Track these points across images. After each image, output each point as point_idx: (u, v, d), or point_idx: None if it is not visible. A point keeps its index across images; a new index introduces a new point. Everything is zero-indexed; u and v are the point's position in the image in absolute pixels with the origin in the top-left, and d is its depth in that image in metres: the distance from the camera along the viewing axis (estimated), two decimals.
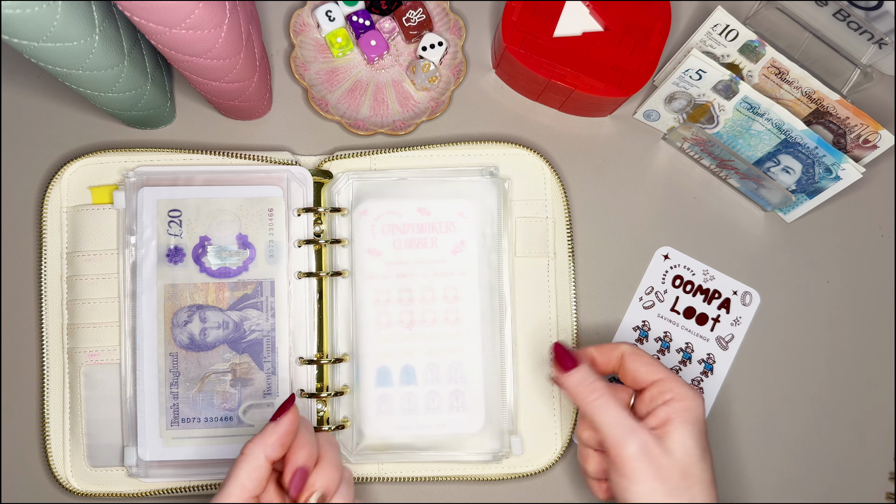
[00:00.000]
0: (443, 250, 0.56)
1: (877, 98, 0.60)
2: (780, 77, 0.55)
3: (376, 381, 0.55)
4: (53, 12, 0.39)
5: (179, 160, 0.56)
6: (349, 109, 0.58)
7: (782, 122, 0.53)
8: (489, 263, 0.56)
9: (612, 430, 0.46)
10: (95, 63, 0.45)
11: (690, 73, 0.53)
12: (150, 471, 0.53)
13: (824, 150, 0.53)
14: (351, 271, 0.55)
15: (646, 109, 0.58)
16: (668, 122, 0.58)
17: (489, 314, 0.55)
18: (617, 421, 0.46)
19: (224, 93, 0.52)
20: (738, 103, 0.54)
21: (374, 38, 0.58)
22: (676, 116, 0.57)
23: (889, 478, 0.58)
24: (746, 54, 0.56)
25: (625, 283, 0.58)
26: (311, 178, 0.55)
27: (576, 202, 0.59)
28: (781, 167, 0.56)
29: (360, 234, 0.56)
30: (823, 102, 0.55)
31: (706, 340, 0.58)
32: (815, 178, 0.55)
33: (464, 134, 0.59)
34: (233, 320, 0.54)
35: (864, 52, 0.57)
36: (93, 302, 0.55)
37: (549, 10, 0.55)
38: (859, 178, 0.54)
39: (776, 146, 0.55)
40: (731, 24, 0.55)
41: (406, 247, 0.56)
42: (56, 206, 0.56)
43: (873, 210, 0.60)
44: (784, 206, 0.58)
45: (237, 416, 0.54)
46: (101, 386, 0.54)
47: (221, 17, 0.43)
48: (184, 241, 0.54)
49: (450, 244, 0.56)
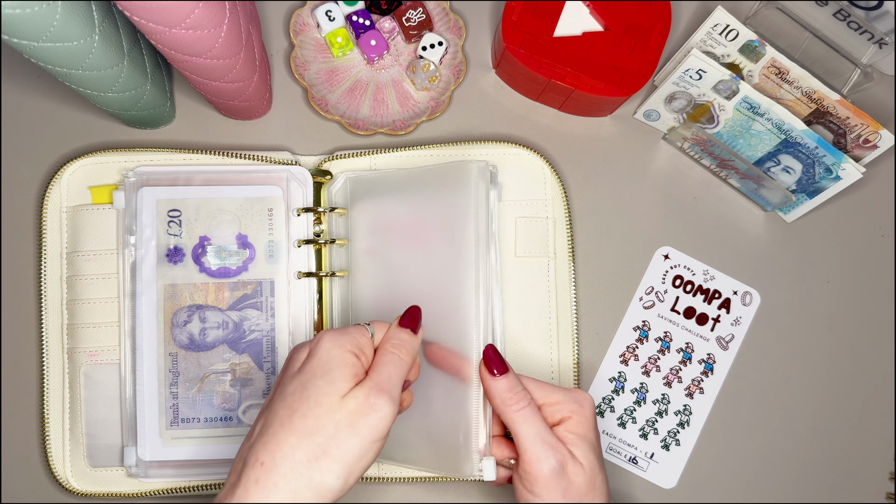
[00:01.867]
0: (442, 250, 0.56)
1: (877, 98, 0.60)
2: (781, 77, 0.55)
3: None
4: (53, 12, 0.39)
5: (179, 160, 0.56)
6: (349, 109, 0.58)
7: (782, 122, 0.53)
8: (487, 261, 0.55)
9: (532, 444, 0.45)
10: (95, 63, 0.45)
11: (690, 73, 0.53)
12: (150, 471, 0.53)
13: (824, 150, 0.53)
14: (350, 271, 0.55)
15: (646, 109, 0.58)
16: (668, 122, 0.58)
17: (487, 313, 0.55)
18: (538, 435, 0.45)
19: (224, 93, 0.52)
20: (738, 103, 0.54)
21: (374, 38, 0.58)
22: (676, 116, 0.57)
23: (889, 478, 0.58)
24: (746, 54, 0.56)
25: (625, 283, 0.58)
26: (310, 178, 0.55)
27: (576, 202, 0.59)
28: (782, 167, 0.56)
29: (358, 234, 0.55)
30: (823, 102, 0.55)
31: (706, 340, 0.58)
32: (815, 178, 0.55)
33: (464, 134, 0.59)
34: (232, 320, 0.54)
35: (864, 52, 0.57)
36: (92, 302, 0.55)
37: (549, 10, 0.55)
38: (859, 178, 0.54)
39: (776, 146, 0.55)
40: (731, 24, 0.55)
41: (405, 246, 0.56)
42: (56, 206, 0.56)
43: (873, 210, 0.60)
44: (784, 206, 0.58)
45: (237, 416, 0.54)
46: (101, 386, 0.54)
47: (221, 17, 0.43)
48: (183, 241, 0.54)
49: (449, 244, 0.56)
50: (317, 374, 0.41)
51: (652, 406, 0.57)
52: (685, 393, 0.57)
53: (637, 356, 0.58)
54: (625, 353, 0.58)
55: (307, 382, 0.41)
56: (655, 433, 0.57)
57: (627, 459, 0.57)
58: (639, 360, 0.58)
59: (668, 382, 0.57)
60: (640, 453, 0.57)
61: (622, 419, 0.57)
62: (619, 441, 0.57)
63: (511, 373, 0.47)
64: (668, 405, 0.57)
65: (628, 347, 0.58)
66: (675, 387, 0.58)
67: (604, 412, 0.57)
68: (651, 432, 0.57)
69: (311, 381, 0.41)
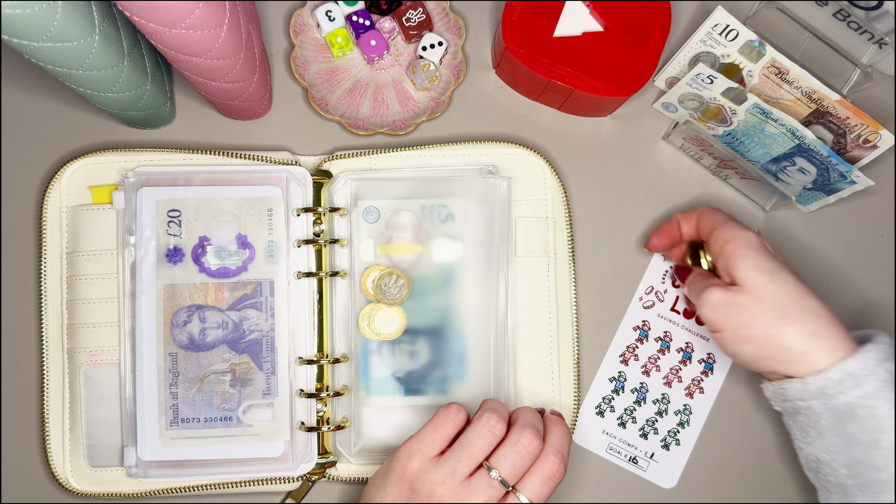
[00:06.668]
0: (442, 250, 0.56)
1: (877, 98, 0.60)
2: (780, 77, 0.55)
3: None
4: (53, 12, 0.39)
5: (179, 160, 0.56)
6: (349, 109, 0.58)
7: (795, 129, 0.53)
8: (489, 262, 0.56)
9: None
10: (95, 63, 0.45)
11: (702, 78, 0.53)
12: (150, 471, 0.53)
13: (837, 160, 0.53)
14: (350, 271, 0.55)
15: (664, 101, 0.58)
16: (684, 115, 0.58)
17: (489, 313, 0.55)
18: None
19: (224, 93, 0.52)
20: (749, 108, 0.54)
21: (374, 38, 0.58)
22: (691, 113, 0.57)
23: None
24: (746, 54, 0.56)
25: (625, 283, 0.58)
26: (310, 178, 0.55)
27: (576, 202, 0.59)
28: (797, 167, 0.55)
29: (358, 234, 0.55)
30: (823, 102, 0.55)
31: (706, 340, 0.58)
32: (830, 181, 0.55)
33: (464, 134, 0.59)
34: (232, 320, 0.54)
35: (864, 52, 0.57)
36: (92, 302, 0.55)
37: (549, 10, 0.55)
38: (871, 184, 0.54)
39: (791, 149, 0.55)
40: (731, 24, 0.55)
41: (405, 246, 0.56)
42: (56, 206, 0.56)
43: (873, 210, 0.60)
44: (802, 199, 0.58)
45: (237, 416, 0.54)
46: (101, 386, 0.54)
47: (221, 17, 0.43)
48: (183, 241, 0.54)
49: (449, 244, 0.56)
50: None
51: (652, 406, 0.57)
52: (685, 393, 0.58)
53: (637, 356, 0.58)
54: (625, 352, 0.58)
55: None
56: (655, 433, 0.57)
57: (627, 459, 0.57)
58: (639, 360, 0.58)
59: (668, 382, 0.57)
60: (640, 453, 0.57)
61: (622, 419, 0.57)
62: (619, 441, 0.57)
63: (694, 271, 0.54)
64: (668, 405, 0.57)
65: (628, 347, 0.58)
66: (675, 386, 0.58)
67: (604, 412, 0.57)
68: (651, 432, 0.57)
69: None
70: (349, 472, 0.55)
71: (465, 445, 0.46)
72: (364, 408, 0.55)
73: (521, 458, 0.46)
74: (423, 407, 0.55)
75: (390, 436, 0.55)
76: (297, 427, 0.54)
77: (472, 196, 0.56)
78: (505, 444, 0.46)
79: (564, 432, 0.48)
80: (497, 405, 0.48)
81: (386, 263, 0.55)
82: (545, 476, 0.46)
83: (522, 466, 0.46)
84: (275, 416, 0.54)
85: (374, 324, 0.54)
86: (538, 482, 0.46)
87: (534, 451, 0.46)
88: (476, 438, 0.46)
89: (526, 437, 0.46)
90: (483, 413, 0.47)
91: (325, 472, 0.55)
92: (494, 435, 0.46)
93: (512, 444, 0.46)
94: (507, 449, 0.46)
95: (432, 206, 0.56)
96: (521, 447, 0.46)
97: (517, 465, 0.45)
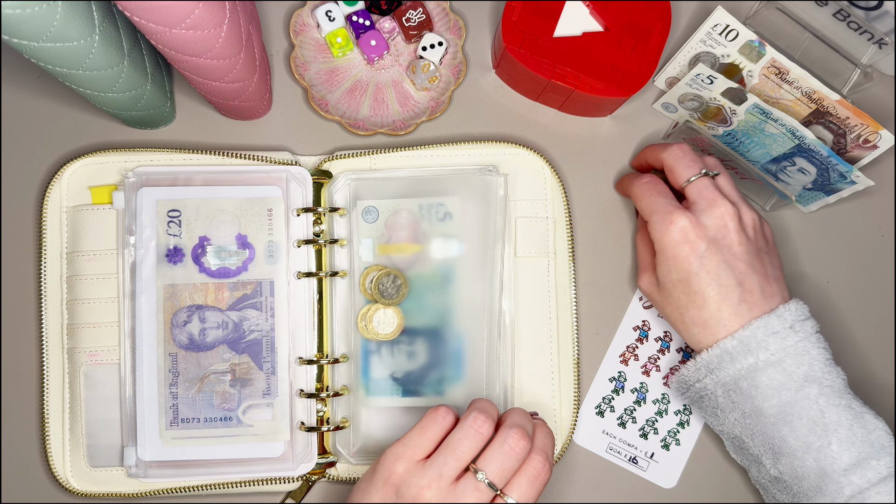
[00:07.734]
0: (442, 250, 0.56)
1: (877, 98, 0.60)
2: (780, 77, 0.55)
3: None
4: (53, 12, 0.39)
5: (179, 160, 0.56)
6: (349, 109, 0.58)
7: (795, 129, 0.53)
8: (489, 262, 0.56)
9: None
10: (95, 63, 0.45)
11: (702, 78, 0.53)
12: (150, 471, 0.53)
13: (837, 160, 0.53)
14: (350, 271, 0.55)
15: (664, 101, 0.58)
16: (684, 115, 0.58)
17: (489, 313, 0.55)
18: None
19: (224, 93, 0.52)
20: (749, 108, 0.54)
21: (374, 38, 0.58)
22: (691, 113, 0.57)
23: None
24: (746, 54, 0.56)
25: (625, 283, 0.58)
26: (310, 179, 0.55)
27: (576, 202, 0.59)
28: (797, 168, 0.55)
29: (358, 234, 0.55)
30: (823, 102, 0.55)
31: None
32: (830, 181, 0.55)
33: (464, 134, 0.59)
34: (232, 320, 0.54)
35: (864, 52, 0.57)
36: (92, 302, 0.55)
37: (549, 10, 0.55)
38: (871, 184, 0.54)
39: (791, 149, 0.55)
40: (731, 24, 0.55)
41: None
42: (56, 206, 0.56)
43: (873, 210, 0.60)
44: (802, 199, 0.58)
45: (236, 416, 0.54)
46: (101, 386, 0.54)
47: (221, 17, 0.43)
48: (183, 242, 0.54)
49: (449, 244, 0.56)
50: None
51: (652, 406, 0.57)
52: None
53: (637, 356, 0.58)
54: (625, 352, 0.58)
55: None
56: (655, 433, 0.57)
57: (627, 459, 0.57)
58: (639, 360, 0.58)
59: (668, 382, 0.57)
60: (640, 453, 0.57)
61: (622, 419, 0.57)
62: (619, 441, 0.57)
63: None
64: (668, 405, 0.57)
65: (628, 347, 0.58)
66: None
67: (604, 412, 0.57)
68: (651, 432, 0.57)
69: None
70: (349, 472, 0.55)
71: (451, 447, 0.45)
72: (363, 408, 0.55)
73: (508, 460, 0.45)
74: (421, 408, 0.55)
75: (389, 436, 0.55)
76: (297, 427, 0.54)
77: (469, 194, 0.56)
78: (492, 446, 0.45)
79: (547, 433, 0.48)
80: (485, 405, 0.47)
81: (385, 263, 0.55)
82: (531, 476, 0.45)
83: (510, 468, 0.45)
84: (275, 416, 0.54)
85: (372, 324, 0.54)
86: (525, 483, 0.45)
87: (521, 451, 0.45)
88: (463, 439, 0.45)
89: (513, 438, 0.45)
90: (470, 413, 0.46)
91: (324, 473, 0.55)
92: (482, 435, 0.45)
93: (499, 444, 0.45)
94: (494, 450, 0.45)
95: (430, 204, 0.56)
96: (508, 448, 0.45)
97: (505, 467, 0.45)
